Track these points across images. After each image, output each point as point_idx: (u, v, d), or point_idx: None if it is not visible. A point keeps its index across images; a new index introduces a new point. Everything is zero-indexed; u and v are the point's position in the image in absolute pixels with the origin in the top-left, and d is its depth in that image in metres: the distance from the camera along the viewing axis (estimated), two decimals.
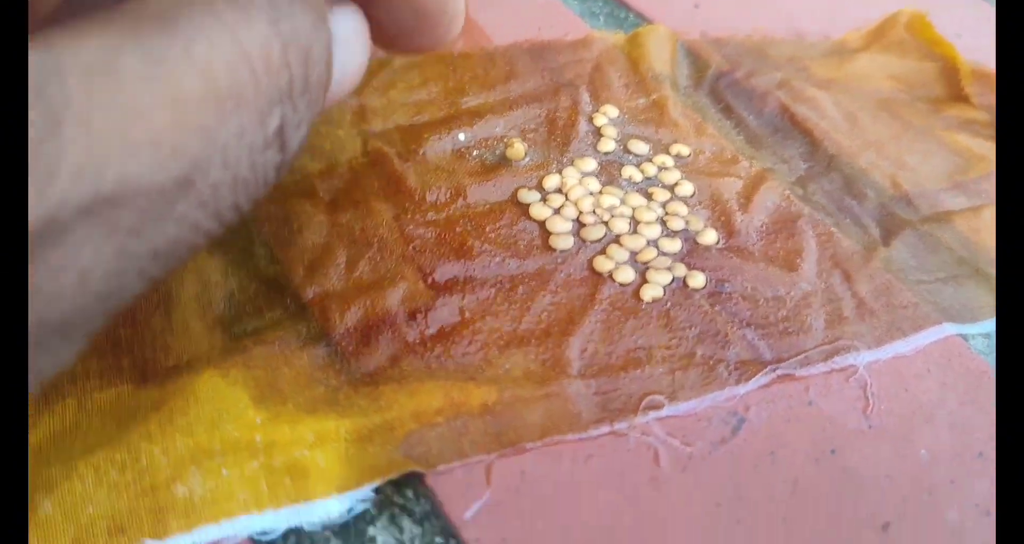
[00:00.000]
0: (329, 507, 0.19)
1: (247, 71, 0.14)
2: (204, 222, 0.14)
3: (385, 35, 0.18)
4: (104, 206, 0.12)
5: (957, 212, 0.25)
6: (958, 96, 0.29)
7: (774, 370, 0.21)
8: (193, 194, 0.13)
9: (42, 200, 0.11)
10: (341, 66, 0.16)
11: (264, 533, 0.18)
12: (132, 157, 0.12)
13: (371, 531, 0.19)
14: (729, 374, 0.21)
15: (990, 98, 0.29)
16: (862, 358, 0.22)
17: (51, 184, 0.11)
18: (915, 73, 0.30)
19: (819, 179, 0.26)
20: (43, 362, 0.13)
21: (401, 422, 0.20)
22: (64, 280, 0.12)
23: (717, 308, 0.22)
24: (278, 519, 0.18)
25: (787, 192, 0.26)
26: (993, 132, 0.28)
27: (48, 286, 0.12)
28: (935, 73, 0.30)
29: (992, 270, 0.24)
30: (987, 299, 0.23)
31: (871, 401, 0.21)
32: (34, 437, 0.18)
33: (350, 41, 0.17)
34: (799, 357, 0.21)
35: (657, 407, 0.20)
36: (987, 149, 0.27)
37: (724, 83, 0.29)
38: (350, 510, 0.19)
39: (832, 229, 0.25)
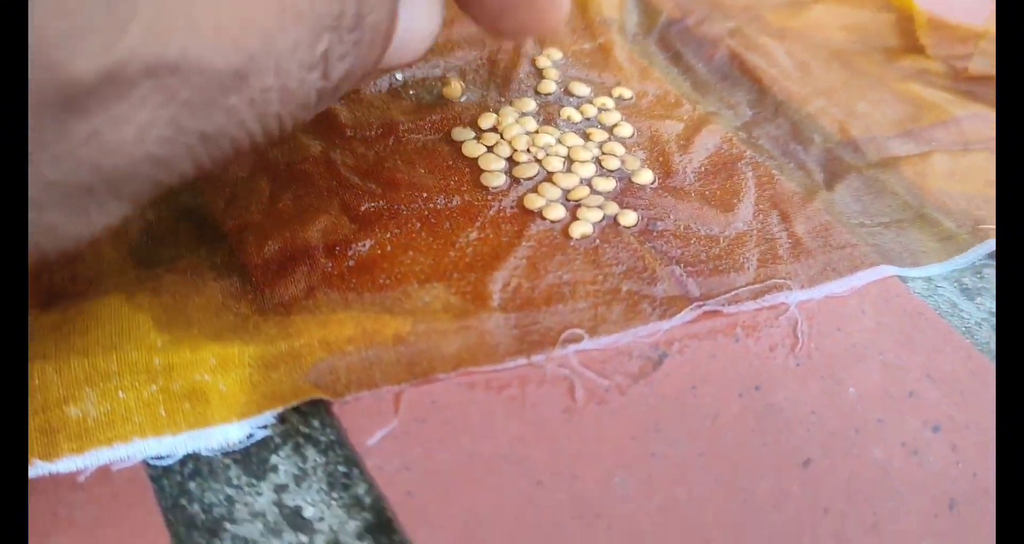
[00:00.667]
0: (229, 433, 0.18)
1: None
2: (250, 122, 0.15)
3: (489, 12, 0.19)
4: (166, 73, 0.13)
5: (904, 158, 0.25)
6: (913, 47, 0.29)
7: (700, 306, 0.20)
8: (245, 89, 0.15)
9: (112, 51, 0.13)
10: (408, 24, 0.18)
11: (160, 458, 0.18)
12: (196, 35, 0.14)
13: (273, 459, 0.18)
14: (653, 310, 0.20)
15: (946, 49, 0.28)
16: (794, 297, 0.21)
17: (122, 39, 0.13)
18: (870, 23, 0.29)
19: (765, 124, 0.26)
20: (94, 214, 0.15)
21: (310, 350, 0.19)
22: (125, 132, 0.14)
23: (647, 245, 0.22)
24: (176, 444, 0.18)
25: (730, 135, 0.25)
26: (947, 82, 0.27)
27: (109, 135, 0.13)
28: (890, 24, 0.29)
29: (937, 215, 0.23)
30: (930, 244, 0.23)
31: (801, 339, 0.20)
32: None
33: (421, 5, 0.18)
34: (728, 294, 0.21)
35: (576, 340, 0.20)
36: (941, 98, 0.27)
37: (675, 30, 0.29)
38: (250, 437, 0.18)
39: (773, 171, 0.24)
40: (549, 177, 0.23)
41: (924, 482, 0.18)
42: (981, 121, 0.26)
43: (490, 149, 0.24)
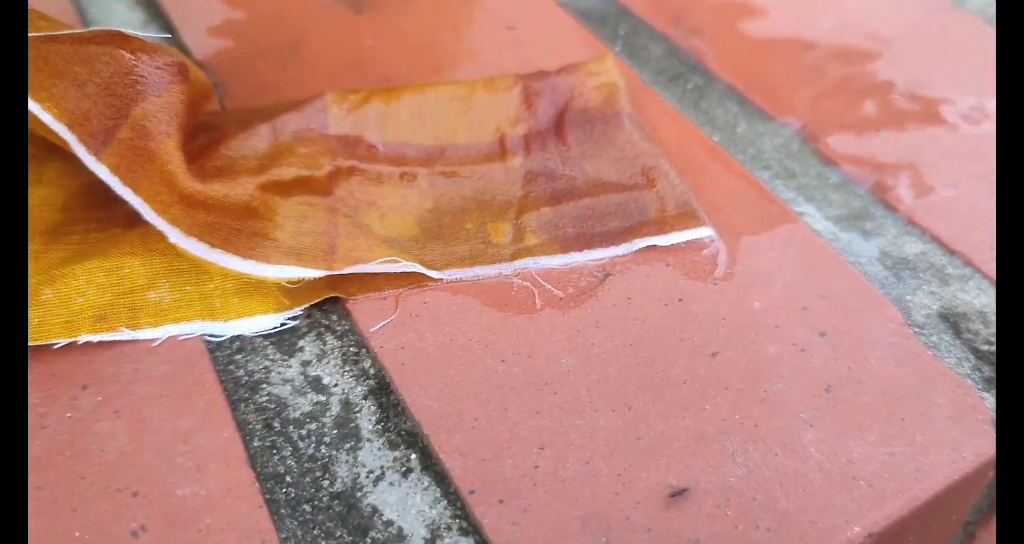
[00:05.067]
0: (266, 321, 0.23)
1: None
2: None
3: None
4: None
5: None
6: None
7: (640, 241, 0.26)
8: None
9: None
10: None
11: (215, 336, 0.23)
12: None
13: (300, 343, 0.24)
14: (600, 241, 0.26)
15: None
16: (715, 234, 0.26)
17: None
18: None
19: None
20: None
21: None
22: None
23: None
24: (227, 328, 0.23)
25: None
26: None
27: None
28: None
29: None
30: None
31: (719, 265, 0.26)
32: (45, 258, 0.23)
33: None
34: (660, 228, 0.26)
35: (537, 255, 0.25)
36: None
37: None
38: (283, 325, 0.24)
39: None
40: None
41: (807, 371, 0.23)
42: None
43: None
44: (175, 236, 0.22)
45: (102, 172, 0.22)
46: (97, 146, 0.22)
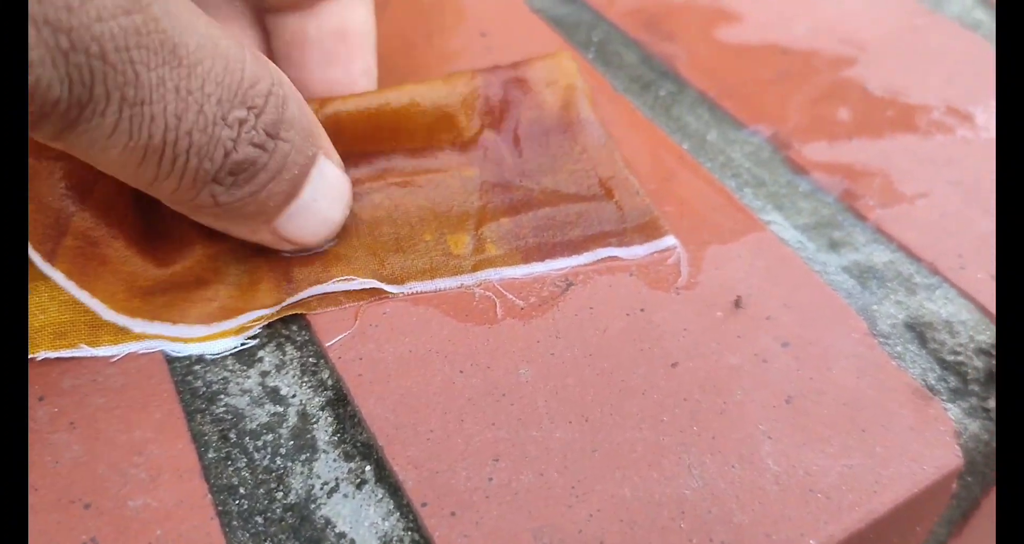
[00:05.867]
0: (227, 343, 0.23)
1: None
2: None
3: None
4: None
5: None
6: None
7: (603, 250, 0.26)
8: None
9: None
10: (312, 196, 0.23)
11: (177, 351, 0.23)
12: None
13: (260, 353, 0.24)
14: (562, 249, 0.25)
15: None
16: (678, 243, 0.26)
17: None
18: None
19: None
20: None
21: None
22: None
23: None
24: (188, 348, 0.23)
25: None
26: None
27: None
28: None
29: None
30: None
31: (683, 273, 0.25)
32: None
33: (330, 185, 0.23)
34: (623, 240, 0.26)
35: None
36: None
37: None
38: (243, 344, 0.24)
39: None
40: None
41: (768, 382, 0.23)
42: None
43: None
44: (139, 327, 0.23)
45: (57, 277, 0.23)
46: (48, 253, 0.23)
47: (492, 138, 0.28)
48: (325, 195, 0.23)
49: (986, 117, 0.31)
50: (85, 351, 0.22)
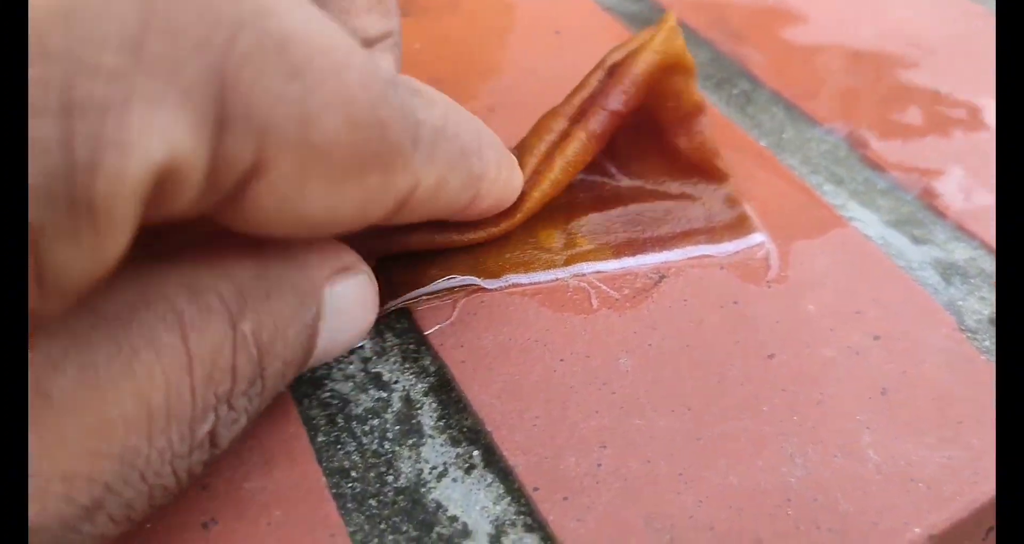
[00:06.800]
0: None
1: (187, 383, 0.13)
2: (112, 531, 0.13)
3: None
4: None
5: None
6: None
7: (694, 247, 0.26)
8: (101, 515, 0.13)
9: None
10: (333, 334, 0.18)
11: None
12: (40, 498, 0.12)
13: (360, 341, 0.24)
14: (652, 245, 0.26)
15: None
16: (768, 238, 0.26)
17: None
18: None
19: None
20: None
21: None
22: None
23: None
24: None
25: None
26: None
27: None
28: None
29: None
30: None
31: (772, 268, 0.26)
32: None
33: (349, 311, 0.18)
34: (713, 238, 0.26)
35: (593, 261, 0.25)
36: None
37: None
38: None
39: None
40: None
41: (862, 374, 0.23)
42: None
43: None
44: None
45: None
46: None
47: (592, 131, 0.28)
48: (340, 328, 0.19)
49: None
50: None
